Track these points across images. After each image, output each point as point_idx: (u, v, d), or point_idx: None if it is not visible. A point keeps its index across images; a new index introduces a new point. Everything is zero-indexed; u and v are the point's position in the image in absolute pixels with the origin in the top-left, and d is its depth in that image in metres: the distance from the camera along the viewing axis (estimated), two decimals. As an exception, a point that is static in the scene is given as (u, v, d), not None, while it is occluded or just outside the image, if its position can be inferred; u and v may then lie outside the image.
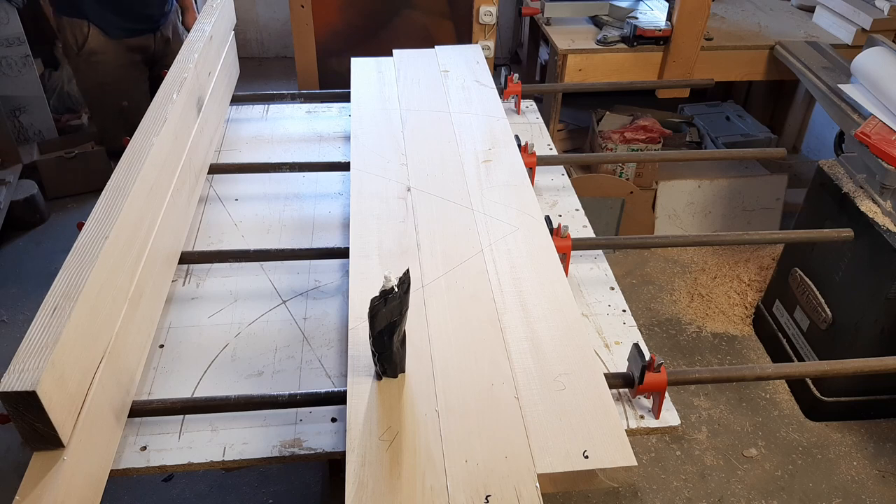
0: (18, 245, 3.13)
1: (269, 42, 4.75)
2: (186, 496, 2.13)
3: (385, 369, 1.10)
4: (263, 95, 2.18)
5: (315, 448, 1.15)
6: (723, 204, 3.19)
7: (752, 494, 2.20)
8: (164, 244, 1.39)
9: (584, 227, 1.71)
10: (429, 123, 1.83)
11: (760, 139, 3.27)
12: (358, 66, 2.15)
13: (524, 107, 2.17)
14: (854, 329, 2.26)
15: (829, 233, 1.71)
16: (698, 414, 2.45)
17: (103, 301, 1.08)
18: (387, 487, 0.95)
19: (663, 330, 2.80)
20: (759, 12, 3.15)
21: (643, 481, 2.22)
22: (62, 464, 0.93)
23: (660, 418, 1.22)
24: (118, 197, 1.21)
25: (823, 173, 2.36)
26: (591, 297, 1.50)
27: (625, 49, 2.75)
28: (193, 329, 1.38)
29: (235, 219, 1.69)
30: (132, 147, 1.34)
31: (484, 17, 2.88)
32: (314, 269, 1.53)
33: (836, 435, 2.40)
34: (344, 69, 2.28)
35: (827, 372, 1.45)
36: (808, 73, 2.58)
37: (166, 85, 1.58)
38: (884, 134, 2.11)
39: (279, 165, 1.79)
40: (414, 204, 1.53)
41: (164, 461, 1.12)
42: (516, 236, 1.44)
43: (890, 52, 2.32)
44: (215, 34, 1.90)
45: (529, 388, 1.10)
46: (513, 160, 1.69)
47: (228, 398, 1.17)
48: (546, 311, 1.25)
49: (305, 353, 1.33)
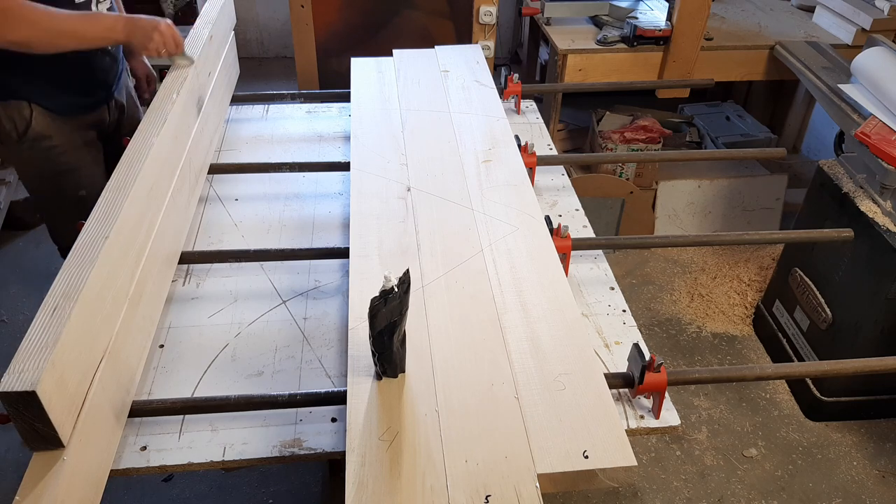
0: (18, 245, 3.13)
1: (269, 42, 4.75)
2: (186, 496, 2.13)
3: (385, 369, 1.10)
4: (263, 95, 2.18)
5: (315, 448, 1.15)
6: (723, 204, 3.19)
7: (752, 494, 2.20)
8: (164, 244, 1.39)
9: (584, 227, 1.71)
10: (429, 123, 1.83)
11: (760, 139, 3.27)
12: (358, 66, 2.15)
13: (524, 107, 2.17)
14: (854, 329, 2.26)
15: (829, 233, 1.71)
16: (698, 414, 2.45)
17: (103, 301, 1.08)
18: (387, 487, 0.95)
19: (663, 330, 2.80)
20: (759, 12, 3.15)
21: (643, 481, 2.22)
22: (62, 464, 0.93)
23: (660, 418, 1.22)
24: (118, 197, 1.21)
25: (823, 173, 2.36)
26: (591, 297, 1.50)
27: (625, 49, 2.75)
28: (193, 329, 1.38)
29: (235, 219, 1.69)
30: (132, 147, 1.34)
31: (484, 17, 2.88)
32: (314, 269, 1.53)
33: (836, 435, 2.40)
34: (344, 69, 2.28)
35: (827, 372, 1.46)
36: (808, 73, 2.58)
37: (166, 85, 1.58)
38: (884, 134, 2.11)
39: (279, 165, 1.79)
40: (414, 204, 1.53)
41: (164, 461, 1.13)
42: (516, 236, 1.44)
43: (890, 52, 2.32)
44: (215, 34, 1.90)
45: (529, 388, 1.10)
46: (513, 160, 1.69)
47: (228, 398, 1.17)
48: (546, 311, 1.26)
49: (305, 353, 1.33)
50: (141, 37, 1.61)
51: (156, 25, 1.61)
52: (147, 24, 1.61)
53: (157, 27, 1.61)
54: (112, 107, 1.92)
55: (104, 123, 1.91)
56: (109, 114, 1.92)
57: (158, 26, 1.61)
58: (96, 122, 1.89)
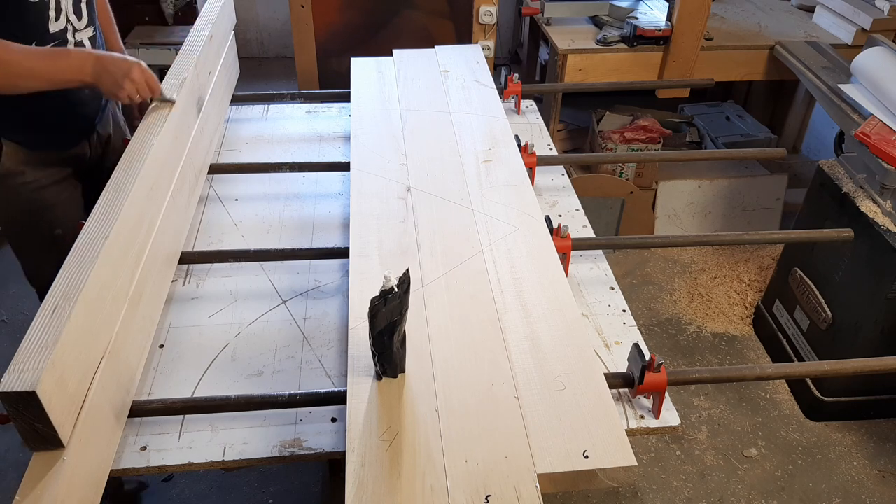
0: (18, 245, 3.13)
1: (269, 42, 4.75)
2: (186, 496, 2.13)
3: (385, 369, 1.10)
4: (263, 95, 2.18)
5: (315, 448, 1.15)
6: (723, 204, 3.19)
7: (752, 494, 2.20)
8: (164, 244, 1.39)
9: (584, 227, 1.71)
10: (429, 123, 1.83)
11: (760, 139, 3.27)
12: (358, 66, 2.15)
13: (524, 107, 2.17)
14: (854, 329, 2.26)
15: (829, 233, 1.71)
16: (698, 414, 2.45)
17: (103, 301, 1.08)
18: (387, 487, 0.95)
19: (663, 330, 2.80)
20: (759, 12, 3.15)
21: (643, 481, 2.22)
22: (62, 464, 0.93)
23: (660, 418, 1.22)
24: (118, 197, 1.21)
25: (823, 173, 2.36)
26: (591, 297, 1.50)
27: (625, 49, 2.75)
28: (193, 329, 1.38)
29: (235, 219, 1.69)
30: (132, 147, 1.34)
31: (484, 17, 2.88)
32: (314, 269, 1.53)
33: (836, 435, 2.40)
34: (344, 69, 2.28)
35: (827, 372, 1.46)
36: (808, 73, 2.58)
37: (166, 85, 1.58)
38: (884, 134, 2.11)
39: (279, 165, 1.79)
40: (414, 204, 1.53)
41: (164, 461, 1.13)
42: (516, 236, 1.44)
43: (890, 52, 2.32)
44: (215, 34, 1.90)
45: (529, 388, 1.10)
46: (513, 160, 1.69)
47: (228, 398, 1.17)
48: (546, 311, 1.26)
49: (305, 353, 1.33)
50: (110, 83, 1.43)
51: (127, 72, 1.43)
52: (118, 69, 1.43)
53: (129, 74, 1.43)
54: (94, 141, 1.73)
55: (84, 158, 1.72)
56: (91, 148, 1.73)
57: (130, 73, 1.43)
58: (75, 158, 1.70)
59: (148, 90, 1.47)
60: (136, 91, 1.45)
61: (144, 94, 1.47)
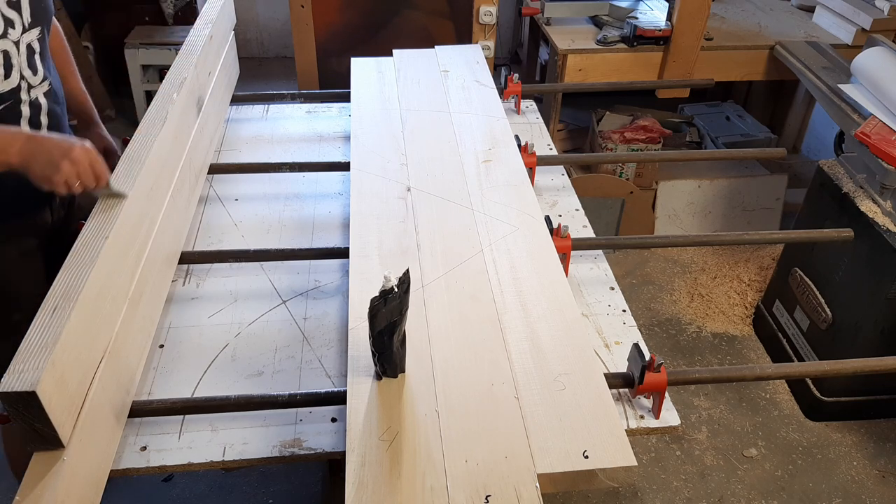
0: (18, 245, 3.13)
1: (269, 42, 4.75)
2: (186, 496, 2.13)
3: (385, 369, 1.10)
4: (263, 95, 2.18)
5: (315, 448, 1.15)
6: (723, 204, 3.19)
7: (752, 494, 2.20)
8: (164, 244, 1.39)
9: (584, 227, 1.71)
10: (429, 123, 1.83)
11: (760, 139, 3.27)
12: (358, 66, 2.15)
13: (524, 107, 2.17)
14: (854, 329, 2.26)
15: (829, 233, 1.71)
16: (698, 414, 2.45)
17: (103, 301, 1.08)
18: (387, 487, 0.95)
19: (663, 330, 2.80)
20: (759, 12, 3.15)
21: (643, 481, 2.22)
22: (62, 464, 0.93)
23: (660, 418, 1.22)
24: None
25: (823, 173, 2.36)
26: (591, 297, 1.50)
27: (625, 49, 2.75)
28: (193, 329, 1.38)
29: (235, 219, 1.69)
30: (132, 147, 1.34)
31: (484, 17, 2.88)
32: (314, 269, 1.53)
33: (836, 435, 2.40)
34: (344, 69, 2.28)
35: (827, 372, 1.46)
36: (808, 73, 2.58)
37: (166, 85, 1.58)
38: (884, 134, 2.11)
39: (279, 165, 1.79)
40: (414, 204, 1.53)
41: (164, 461, 1.13)
42: (516, 236, 1.44)
43: (890, 52, 2.32)
44: (215, 34, 1.90)
45: (529, 388, 1.10)
46: (513, 160, 1.69)
47: (228, 398, 1.17)
48: (546, 311, 1.25)
49: (305, 353, 1.33)
50: (43, 164, 1.16)
51: (67, 151, 1.16)
52: (56, 148, 1.17)
53: (70, 153, 1.16)
54: (55, 205, 1.50)
55: (46, 226, 1.48)
56: (52, 213, 1.49)
57: (71, 152, 1.17)
58: (35, 228, 1.46)
59: (92, 177, 1.20)
60: (77, 175, 1.18)
61: (87, 180, 1.19)
